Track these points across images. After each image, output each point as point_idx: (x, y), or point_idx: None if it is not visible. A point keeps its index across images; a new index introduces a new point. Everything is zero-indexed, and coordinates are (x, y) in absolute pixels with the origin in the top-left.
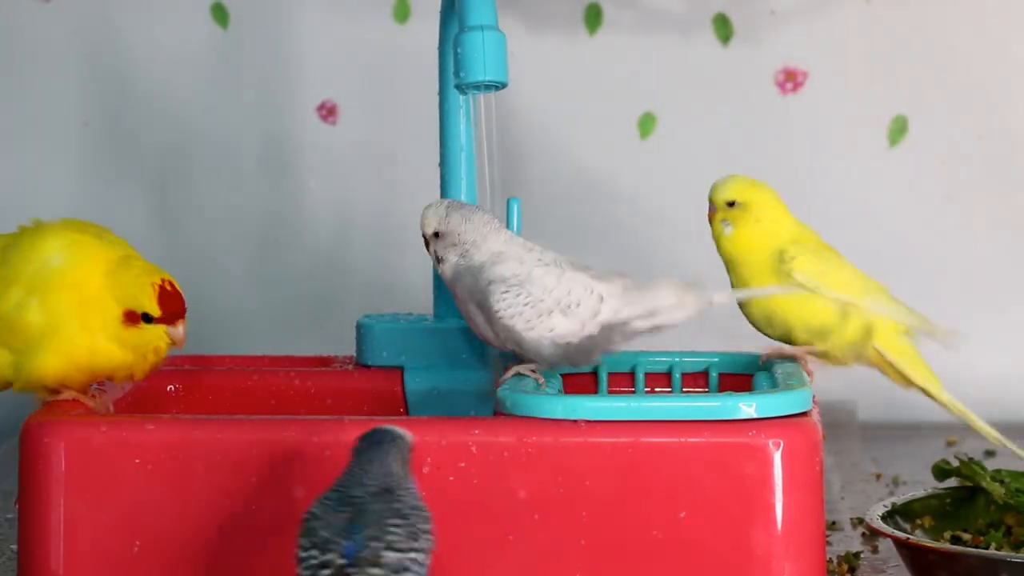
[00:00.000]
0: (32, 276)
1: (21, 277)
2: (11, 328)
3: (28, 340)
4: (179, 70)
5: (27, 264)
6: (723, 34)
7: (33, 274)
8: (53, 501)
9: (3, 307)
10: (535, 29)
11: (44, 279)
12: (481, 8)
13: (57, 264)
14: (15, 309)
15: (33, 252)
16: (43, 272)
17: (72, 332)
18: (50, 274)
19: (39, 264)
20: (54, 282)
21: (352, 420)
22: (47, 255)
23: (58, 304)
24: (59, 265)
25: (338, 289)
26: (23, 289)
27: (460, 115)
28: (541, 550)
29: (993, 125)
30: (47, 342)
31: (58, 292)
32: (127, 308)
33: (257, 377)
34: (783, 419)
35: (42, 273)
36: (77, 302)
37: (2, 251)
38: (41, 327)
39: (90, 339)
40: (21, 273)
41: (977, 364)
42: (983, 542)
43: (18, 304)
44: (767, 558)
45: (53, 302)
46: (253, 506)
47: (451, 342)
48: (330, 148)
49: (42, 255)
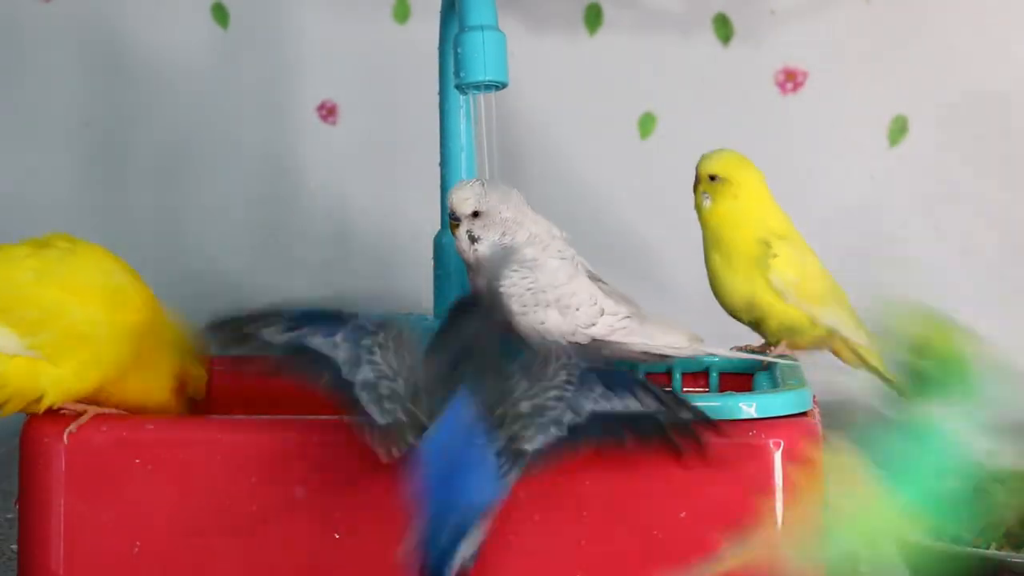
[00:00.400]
0: (101, 291)
1: (89, 293)
2: (76, 338)
3: (87, 353)
4: (179, 70)
5: (91, 280)
6: (723, 34)
7: (101, 289)
8: (53, 501)
9: (68, 319)
10: (535, 29)
11: (112, 295)
12: (481, 8)
13: (118, 281)
14: (83, 323)
15: (94, 267)
16: (111, 287)
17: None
18: (116, 289)
19: (104, 279)
20: (127, 302)
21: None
22: (109, 270)
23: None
24: (120, 282)
25: (338, 289)
26: (94, 306)
27: (460, 115)
28: (541, 550)
29: (993, 125)
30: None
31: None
32: (178, 378)
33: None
34: (783, 419)
35: (110, 288)
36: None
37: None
38: (102, 340)
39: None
40: (87, 289)
41: None
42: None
43: (84, 318)
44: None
45: (121, 323)
46: (253, 506)
47: None
48: (330, 148)
49: (104, 270)
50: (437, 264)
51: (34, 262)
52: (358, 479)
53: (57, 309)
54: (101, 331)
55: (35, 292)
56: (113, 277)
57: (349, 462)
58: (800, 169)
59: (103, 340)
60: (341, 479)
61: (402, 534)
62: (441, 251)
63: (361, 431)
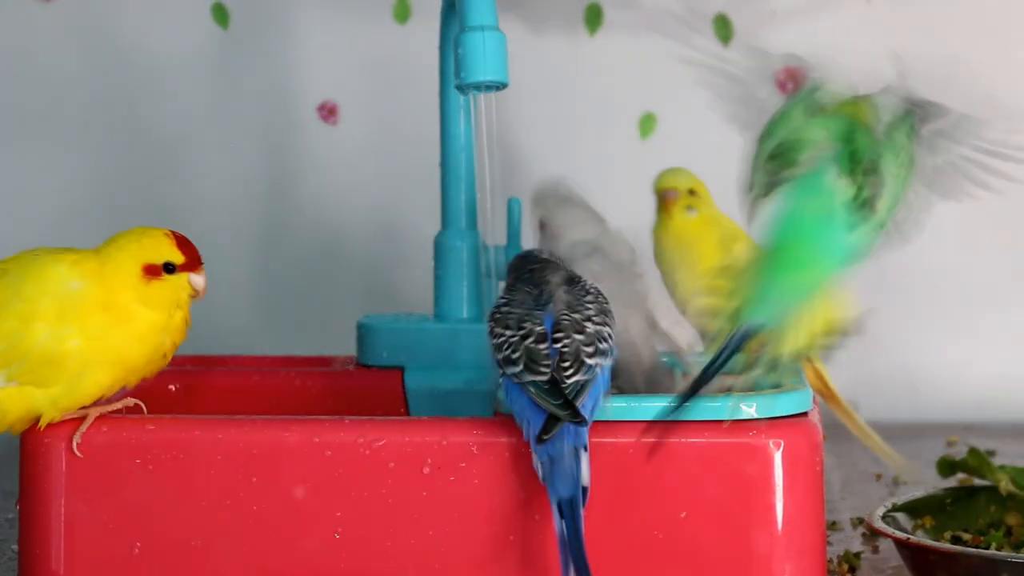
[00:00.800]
0: (59, 305)
1: (43, 309)
2: (51, 362)
3: (72, 369)
4: (179, 70)
5: (46, 294)
6: (723, 34)
7: (59, 303)
8: (54, 501)
9: (33, 344)
10: (535, 29)
11: (72, 304)
12: (481, 8)
13: (78, 287)
14: (52, 342)
15: (47, 282)
16: (68, 297)
17: (119, 339)
18: (75, 297)
19: (60, 291)
20: (83, 303)
21: (352, 420)
22: (65, 281)
23: (93, 321)
24: (80, 288)
25: (338, 289)
26: (50, 322)
27: (460, 115)
28: (542, 551)
29: (993, 125)
30: (95, 361)
31: (90, 313)
32: (146, 263)
33: (257, 377)
34: (783, 419)
35: (68, 298)
36: (106, 304)
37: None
38: (83, 351)
39: (134, 330)
40: (42, 305)
41: (977, 364)
42: (983, 542)
43: (52, 336)
44: (767, 558)
45: (88, 324)
46: (253, 506)
47: (451, 342)
48: (330, 148)
49: (59, 282)
50: (437, 264)
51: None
52: (358, 479)
53: (17, 338)
54: (74, 344)
55: None
56: (66, 284)
57: (349, 462)
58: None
59: (84, 352)
60: (341, 479)
61: (402, 534)
62: (441, 251)
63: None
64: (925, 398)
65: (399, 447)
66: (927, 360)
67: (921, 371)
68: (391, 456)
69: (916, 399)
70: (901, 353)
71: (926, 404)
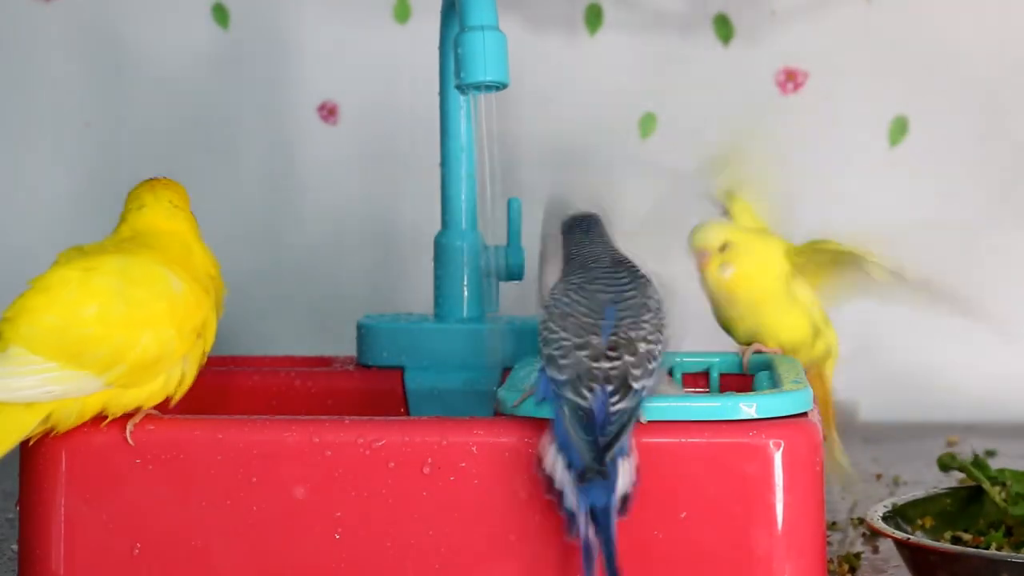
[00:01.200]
0: (170, 309)
1: (157, 315)
2: (152, 366)
3: (166, 367)
4: (179, 70)
5: (160, 299)
6: (723, 34)
7: (171, 306)
8: (54, 501)
9: (137, 350)
10: (535, 29)
11: (180, 305)
12: (481, 8)
13: (180, 288)
14: (156, 347)
15: (157, 284)
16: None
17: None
18: (180, 298)
19: (163, 290)
20: (187, 302)
21: (352, 420)
22: (170, 283)
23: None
24: (182, 288)
25: (338, 289)
26: (158, 327)
27: (460, 115)
28: (542, 551)
29: (993, 125)
30: (187, 356)
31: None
32: (187, 201)
33: (257, 377)
34: (783, 419)
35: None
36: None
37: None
38: (179, 349)
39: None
40: (157, 310)
41: (977, 364)
42: (984, 542)
43: (156, 341)
44: (767, 558)
45: (185, 323)
46: (253, 506)
47: (451, 342)
48: (330, 148)
49: (167, 284)
50: (437, 264)
51: (89, 294)
52: (358, 479)
53: (126, 344)
54: (173, 346)
55: (100, 332)
56: (170, 285)
57: (349, 462)
58: (800, 169)
59: (177, 353)
60: (341, 479)
61: (402, 534)
62: (441, 251)
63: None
64: (925, 398)
65: (399, 447)
66: (928, 360)
67: (921, 371)
68: (391, 456)
69: (917, 399)
70: (902, 353)
71: (927, 404)
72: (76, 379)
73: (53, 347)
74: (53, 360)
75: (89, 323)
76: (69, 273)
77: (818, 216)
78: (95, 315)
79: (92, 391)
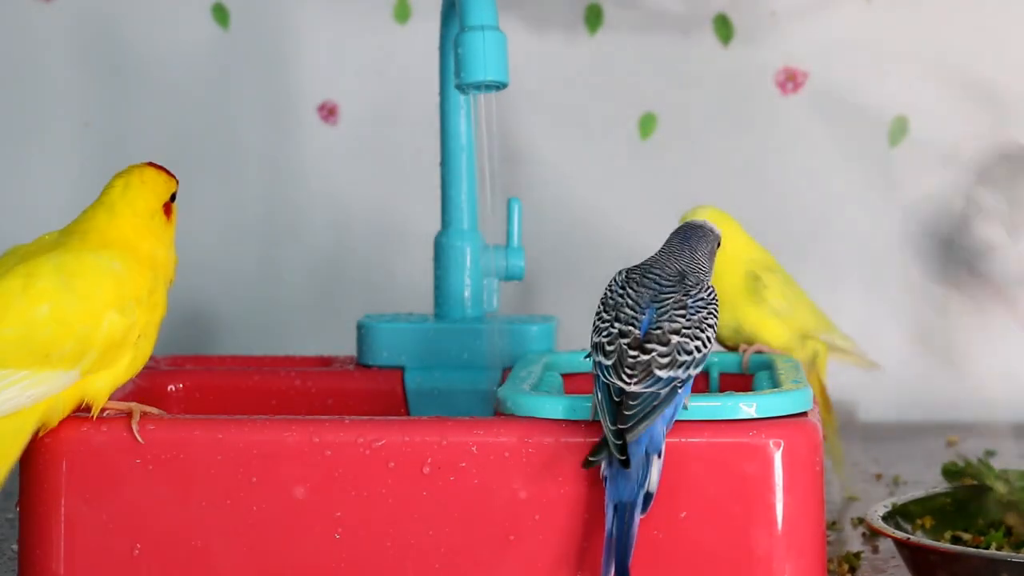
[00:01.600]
0: (118, 289)
1: (108, 298)
2: (120, 344)
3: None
4: (179, 70)
5: (103, 284)
6: (723, 34)
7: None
8: (54, 501)
9: (101, 333)
10: (535, 29)
11: (126, 281)
12: (481, 8)
13: (118, 269)
14: (119, 324)
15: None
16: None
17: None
18: (123, 274)
19: (107, 273)
20: (132, 275)
21: (352, 420)
22: (109, 264)
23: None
24: (121, 266)
25: (338, 289)
26: (115, 307)
27: (460, 115)
28: (542, 550)
29: (993, 125)
30: (151, 322)
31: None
32: (162, 204)
33: (257, 377)
34: (783, 419)
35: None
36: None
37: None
38: (141, 319)
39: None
40: (106, 295)
41: (977, 364)
42: (983, 542)
43: (119, 320)
44: (767, 558)
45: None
46: (253, 506)
47: (451, 342)
48: (330, 148)
49: (106, 267)
50: (437, 264)
51: (36, 299)
52: (358, 479)
53: (89, 332)
54: (135, 316)
55: (59, 330)
56: (109, 264)
57: (349, 462)
58: (800, 169)
59: (140, 321)
60: (341, 479)
61: (402, 534)
62: (441, 251)
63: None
64: (928, 397)
65: (399, 447)
66: (928, 360)
67: (922, 371)
68: (391, 456)
69: (917, 399)
70: (902, 353)
71: (927, 404)
72: (52, 378)
73: (21, 357)
74: (24, 368)
75: (46, 324)
76: (11, 283)
77: (817, 216)
78: (49, 316)
79: (72, 383)
